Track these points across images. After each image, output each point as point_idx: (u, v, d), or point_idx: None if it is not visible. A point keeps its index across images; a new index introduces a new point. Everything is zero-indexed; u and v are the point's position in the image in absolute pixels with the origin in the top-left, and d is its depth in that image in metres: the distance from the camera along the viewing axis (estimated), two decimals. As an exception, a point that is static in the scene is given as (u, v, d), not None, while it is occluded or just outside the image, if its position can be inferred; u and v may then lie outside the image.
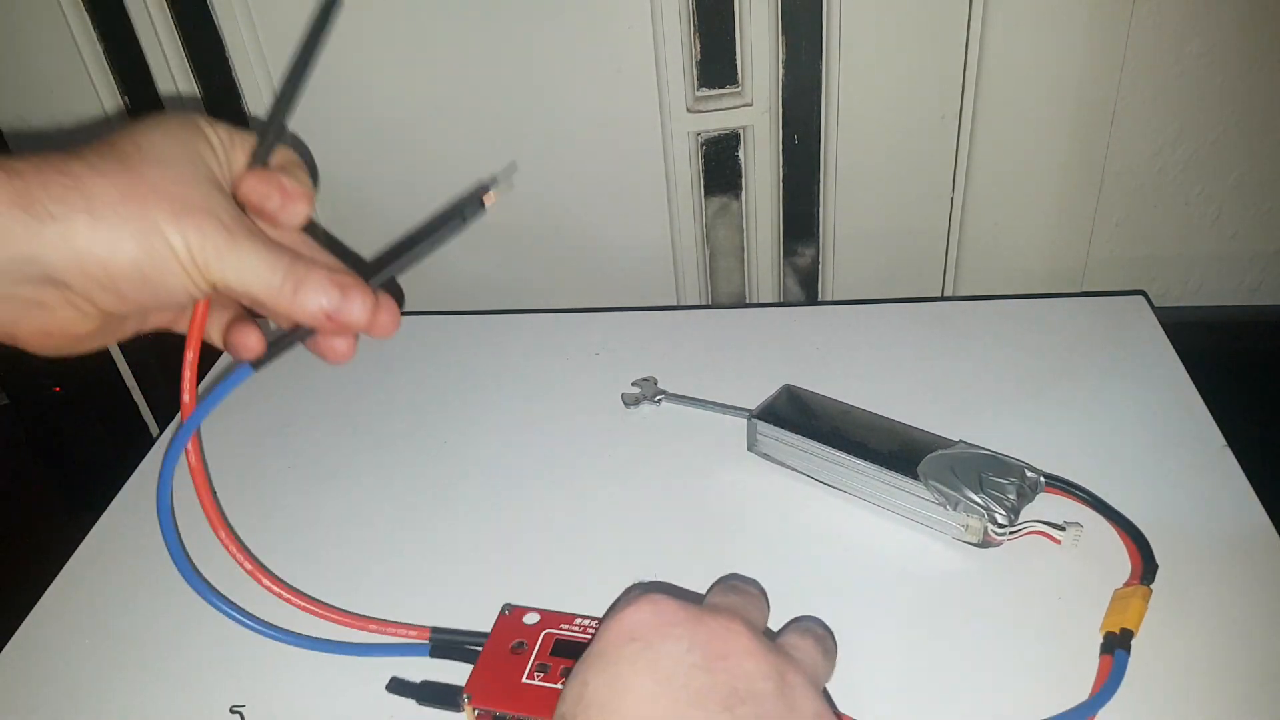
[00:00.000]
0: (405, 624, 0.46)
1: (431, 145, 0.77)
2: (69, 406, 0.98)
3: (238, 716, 0.44)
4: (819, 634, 0.38)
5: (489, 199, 0.41)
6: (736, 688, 0.33)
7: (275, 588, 0.44)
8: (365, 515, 0.56)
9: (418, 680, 0.45)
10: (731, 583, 0.40)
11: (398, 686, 0.44)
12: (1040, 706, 0.41)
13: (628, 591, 0.41)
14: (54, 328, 0.36)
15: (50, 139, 0.80)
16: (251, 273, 0.36)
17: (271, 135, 0.40)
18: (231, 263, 0.36)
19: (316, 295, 0.38)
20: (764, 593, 0.41)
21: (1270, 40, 0.68)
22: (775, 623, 0.47)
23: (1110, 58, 0.69)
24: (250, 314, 0.42)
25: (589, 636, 0.43)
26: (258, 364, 0.41)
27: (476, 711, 0.41)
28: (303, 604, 0.45)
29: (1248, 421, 0.56)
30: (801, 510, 0.53)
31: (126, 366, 0.92)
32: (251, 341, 0.40)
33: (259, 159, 0.40)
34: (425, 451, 0.60)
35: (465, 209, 0.41)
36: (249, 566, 0.44)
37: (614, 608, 0.36)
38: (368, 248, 0.84)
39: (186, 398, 0.41)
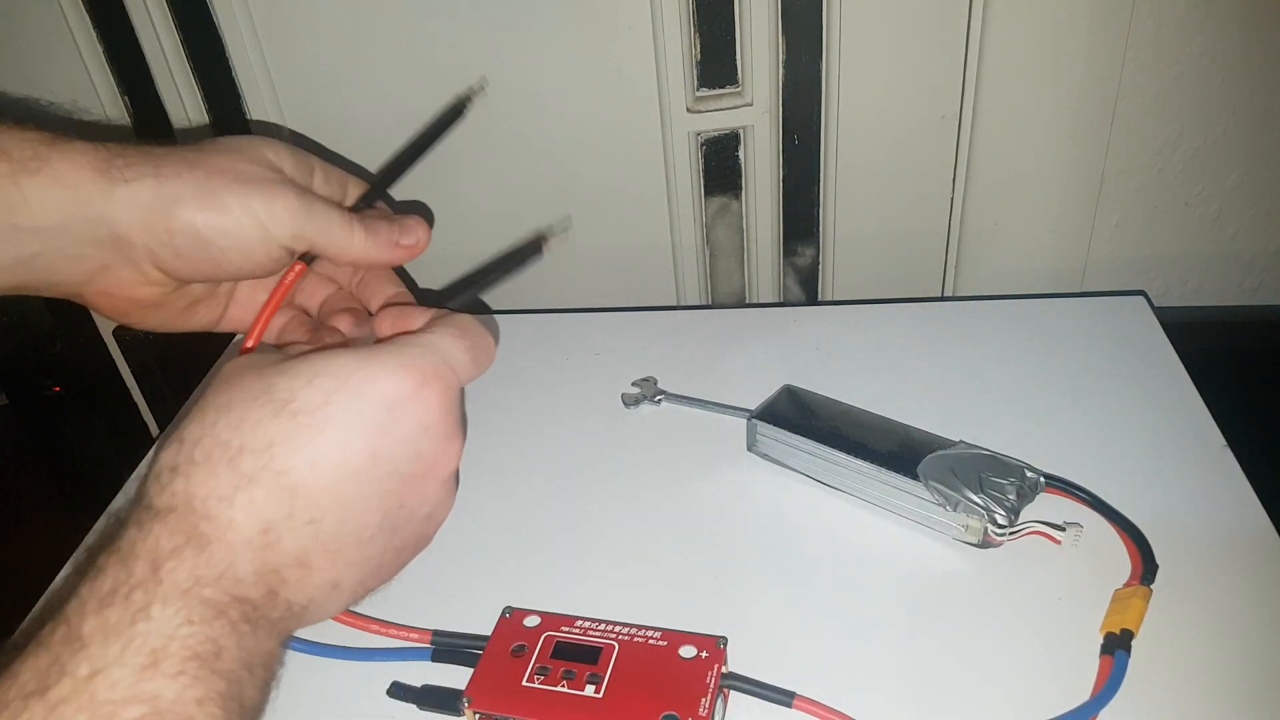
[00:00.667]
0: (408, 626, 0.46)
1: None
2: (69, 406, 0.98)
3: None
4: (470, 337, 0.37)
5: (550, 245, 0.47)
6: (409, 506, 0.34)
7: None
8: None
9: (418, 684, 0.45)
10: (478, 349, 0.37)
11: (398, 691, 0.44)
12: (1040, 707, 0.41)
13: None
14: (117, 289, 0.40)
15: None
16: (330, 227, 0.41)
17: (376, 192, 0.46)
18: (312, 220, 0.40)
19: (386, 232, 0.43)
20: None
21: (1270, 40, 0.68)
22: (771, 627, 0.47)
23: (1110, 58, 0.69)
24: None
25: (590, 639, 0.43)
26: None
27: (477, 715, 0.41)
28: None
29: (1248, 421, 0.56)
30: (801, 510, 0.53)
31: (126, 366, 0.92)
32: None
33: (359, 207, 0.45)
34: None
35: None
36: None
37: (409, 364, 0.34)
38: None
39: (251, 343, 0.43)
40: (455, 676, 0.44)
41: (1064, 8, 0.67)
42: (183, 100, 0.76)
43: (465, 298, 0.43)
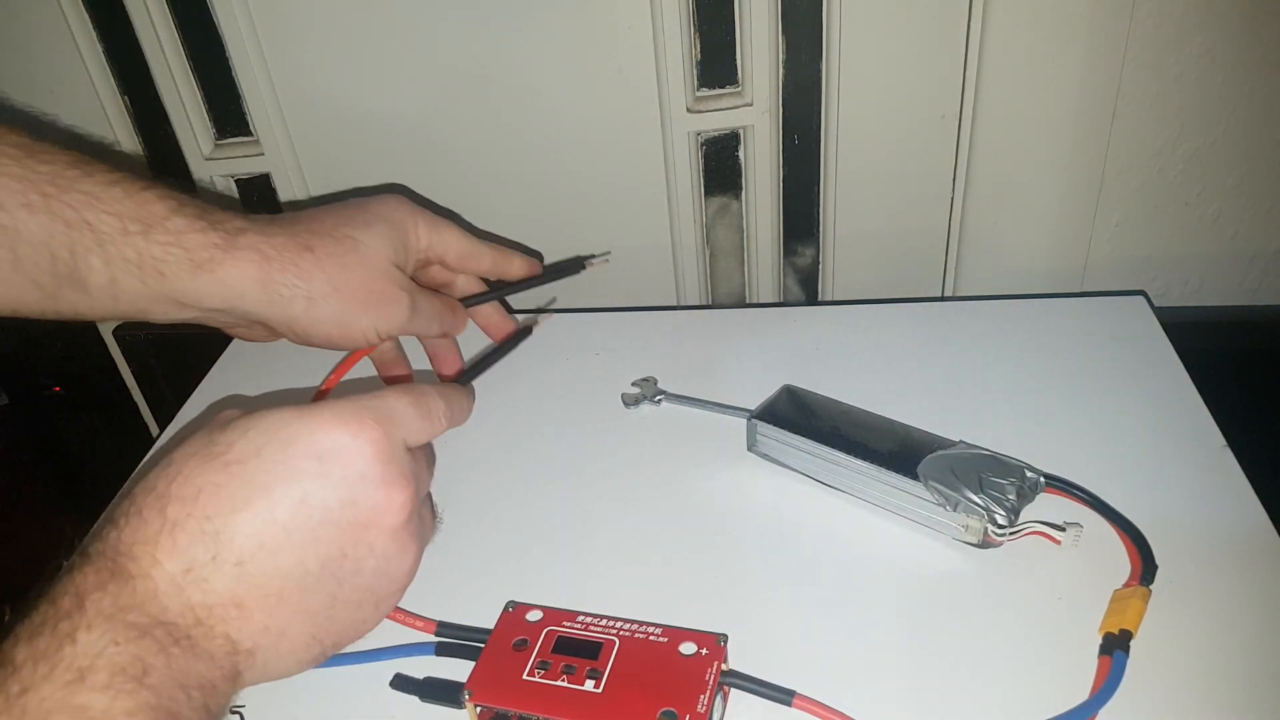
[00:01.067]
0: (413, 614, 0.47)
1: (431, 145, 0.77)
2: (69, 406, 0.98)
3: (237, 716, 0.44)
4: (415, 395, 0.39)
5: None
6: (352, 556, 0.35)
7: None
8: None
9: (420, 677, 0.45)
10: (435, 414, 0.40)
11: (400, 683, 0.45)
12: (1040, 707, 0.41)
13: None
14: (250, 336, 0.55)
15: (49, 139, 0.80)
16: (426, 327, 0.57)
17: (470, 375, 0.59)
18: (411, 326, 0.55)
19: (454, 325, 0.60)
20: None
21: (1270, 40, 0.68)
22: (771, 626, 0.47)
23: (1110, 58, 0.69)
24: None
25: (591, 634, 0.44)
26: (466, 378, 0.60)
27: (478, 708, 0.41)
28: None
29: (1248, 421, 0.56)
30: (801, 510, 0.53)
31: (126, 366, 0.92)
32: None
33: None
34: (425, 451, 0.60)
35: (522, 334, 0.63)
36: None
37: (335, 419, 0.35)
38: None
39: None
40: (457, 670, 0.44)
41: (1064, 8, 0.67)
42: (183, 100, 0.76)
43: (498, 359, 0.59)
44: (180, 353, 0.87)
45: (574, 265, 0.52)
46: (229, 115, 0.78)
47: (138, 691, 0.29)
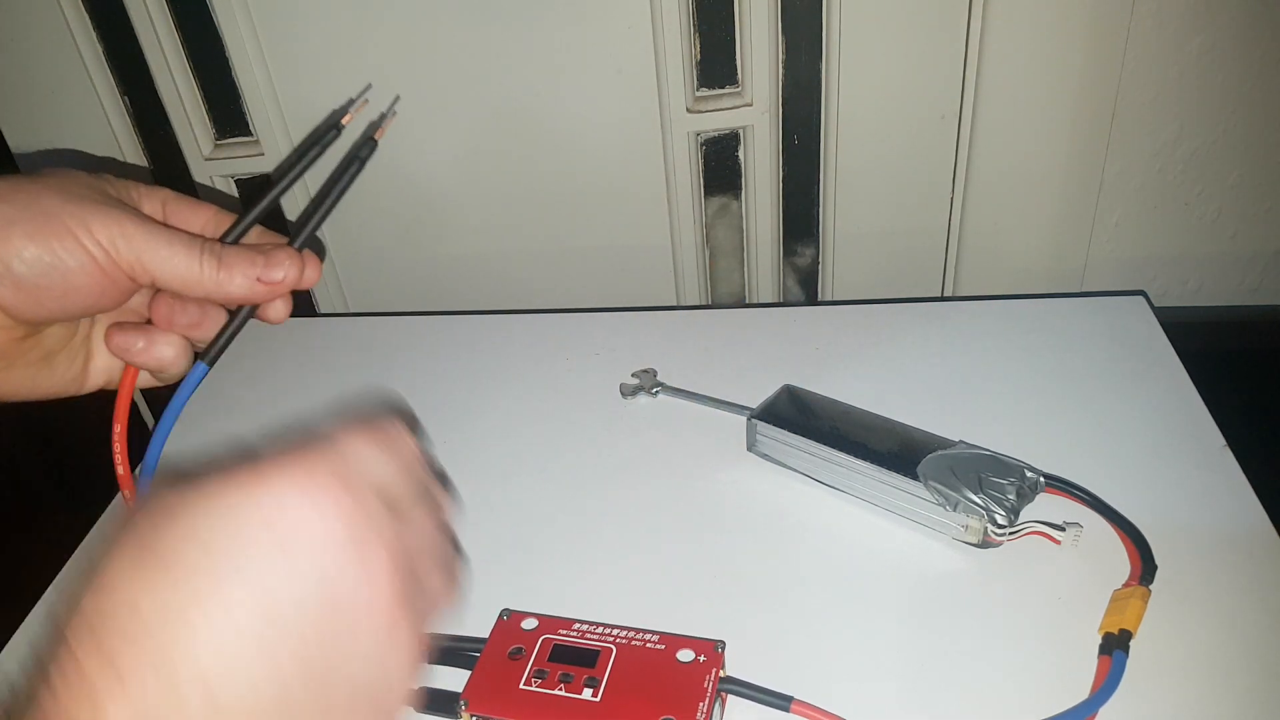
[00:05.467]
0: None
1: (431, 145, 0.77)
2: (69, 406, 0.98)
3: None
4: (378, 433, 0.31)
5: (379, 134, 0.44)
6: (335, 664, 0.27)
7: None
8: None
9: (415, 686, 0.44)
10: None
11: None
12: (1039, 707, 0.41)
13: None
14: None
15: (49, 139, 0.80)
16: (174, 257, 0.37)
17: (250, 220, 0.42)
18: (153, 250, 0.37)
19: (243, 264, 0.39)
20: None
21: (1270, 40, 0.68)
22: (770, 628, 0.47)
23: (1110, 58, 0.69)
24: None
25: (588, 642, 0.43)
26: (211, 358, 0.42)
27: (474, 718, 0.41)
28: None
29: (1248, 421, 0.56)
30: (801, 510, 0.53)
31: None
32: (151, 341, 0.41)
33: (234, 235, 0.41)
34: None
35: (361, 151, 0.44)
36: None
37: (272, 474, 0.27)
38: (366, 248, 0.84)
39: (120, 470, 0.43)
40: (451, 679, 0.44)
41: (1064, 8, 0.67)
42: (183, 100, 0.76)
43: (319, 219, 0.43)
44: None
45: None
46: (229, 115, 0.78)
47: None
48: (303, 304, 0.88)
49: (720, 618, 0.46)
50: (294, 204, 0.78)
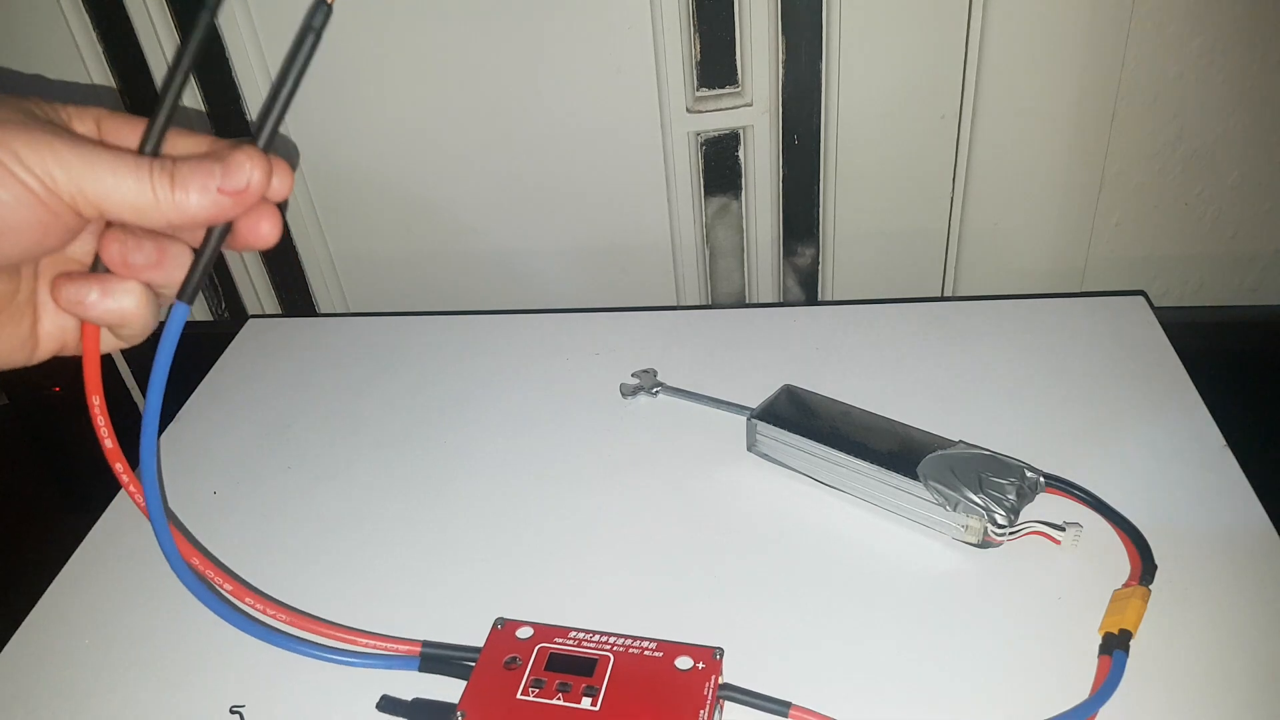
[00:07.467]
0: (396, 638, 0.45)
1: (431, 143, 0.77)
2: (69, 406, 0.98)
3: (237, 717, 0.44)
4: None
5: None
6: None
7: (259, 605, 0.44)
8: (362, 518, 0.56)
9: (409, 697, 0.44)
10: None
11: (389, 705, 0.43)
12: (1039, 707, 0.41)
13: None
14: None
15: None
16: (120, 181, 0.32)
17: (163, 122, 0.37)
18: (95, 176, 0.32)
19: (200, 176, 0.33)
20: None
21: (1270, 40, 0.68)
22: (770, 630, 0.47)
23: (1110, 58, 0.69)
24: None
25: (585, 650, 0.43)
26: (189, 296, 0.35)
27: None
28: (289, 619, 0.44)
29: (1248, 421, 0.56)
30: (801, 510, 0.53)
31: (126, 366, 0.92)
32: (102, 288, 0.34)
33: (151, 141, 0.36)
34: (425, 453, 0.60)
35: (314, 20, 0.38)
36: (229, 588, 0.43)
37: None
38: (366, 248, 0.84)
39: (108, 444, 0.38)
40: (446, 689, 0.43)
41: (1064, 8, 0.67)
42: (183, 100, 0.76)
43: (281, 105, 0.37)
44: (180, 353, 0.86)
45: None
46: (229, 115, 0.78)
47: None
48: (303, 304, 0.88)
49: (719, 617, 0.46)
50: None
